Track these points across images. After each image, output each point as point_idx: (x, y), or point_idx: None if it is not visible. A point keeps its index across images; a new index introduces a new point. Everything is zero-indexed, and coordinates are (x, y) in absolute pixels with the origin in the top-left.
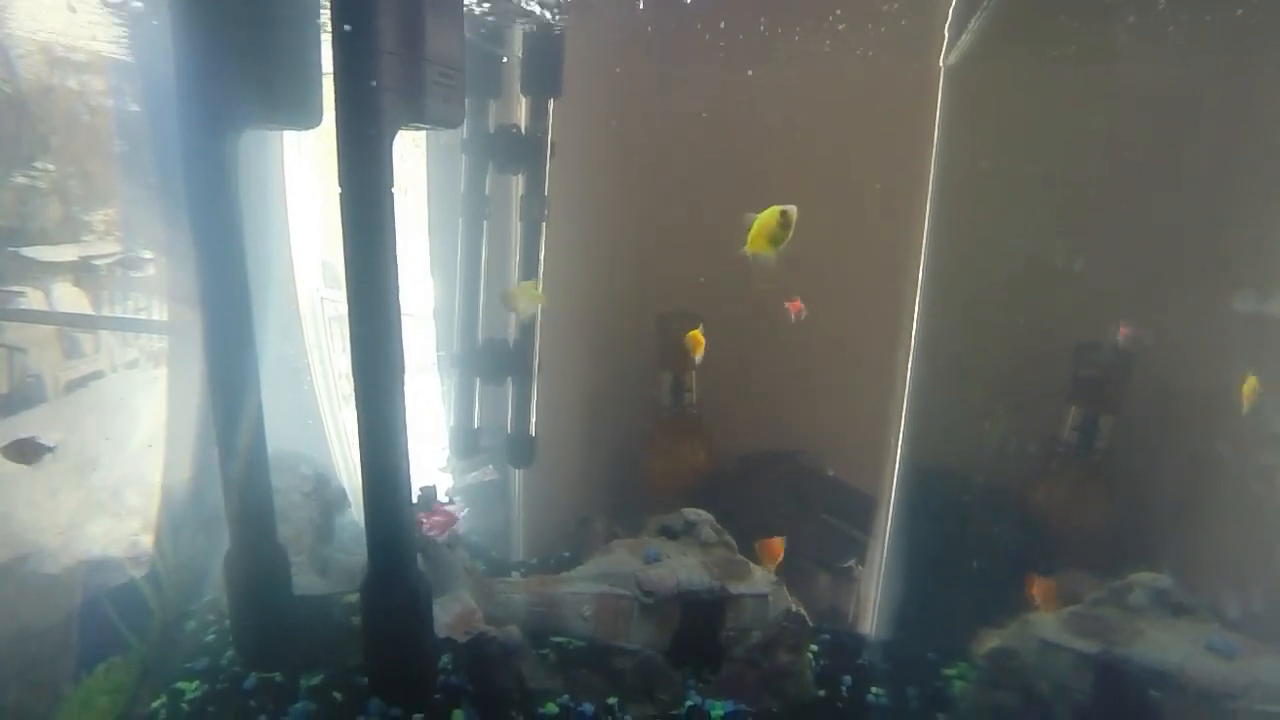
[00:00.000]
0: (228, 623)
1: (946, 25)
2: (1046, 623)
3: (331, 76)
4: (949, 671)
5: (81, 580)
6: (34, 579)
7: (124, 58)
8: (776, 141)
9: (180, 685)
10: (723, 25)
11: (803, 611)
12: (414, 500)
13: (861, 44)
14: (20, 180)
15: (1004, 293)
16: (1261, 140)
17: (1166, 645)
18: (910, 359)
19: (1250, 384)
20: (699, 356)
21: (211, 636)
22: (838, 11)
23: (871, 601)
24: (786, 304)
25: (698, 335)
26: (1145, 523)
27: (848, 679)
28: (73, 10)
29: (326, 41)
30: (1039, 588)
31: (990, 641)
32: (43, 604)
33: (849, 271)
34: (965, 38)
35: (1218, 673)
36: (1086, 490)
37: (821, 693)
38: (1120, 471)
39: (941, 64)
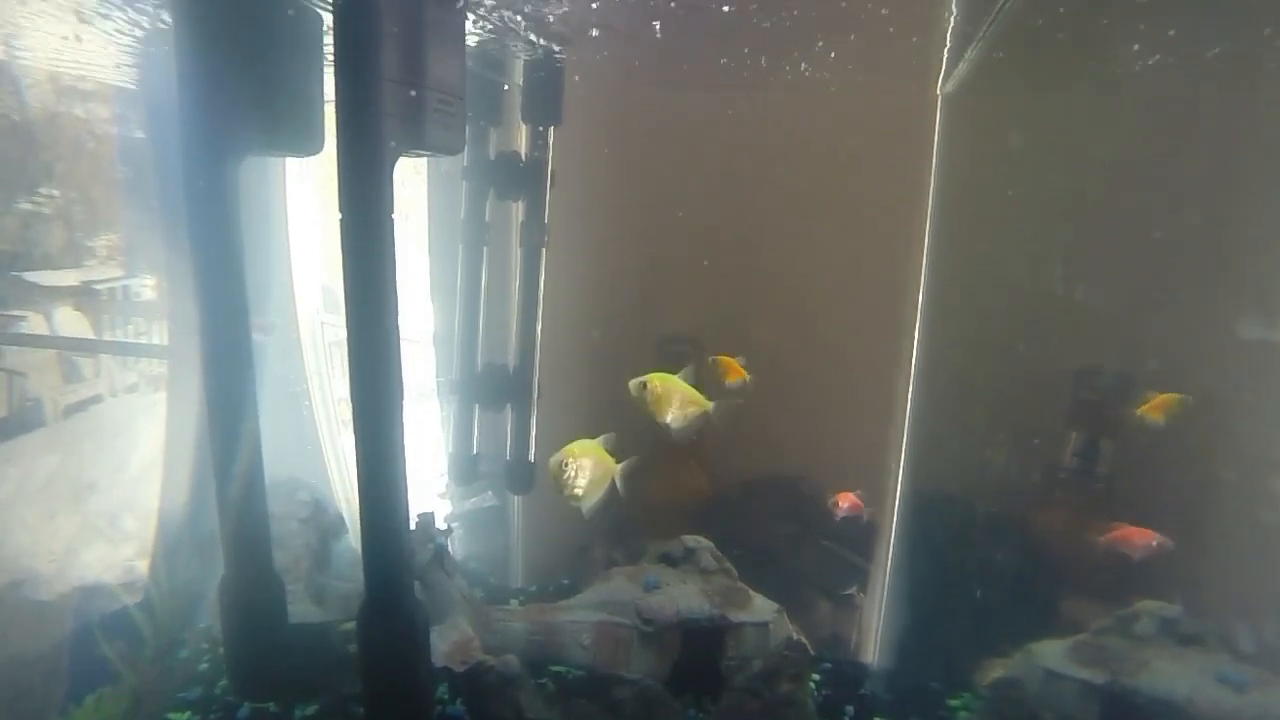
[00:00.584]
0: (221, 651)
1: (944, 54)
2: (1051, 652)
3: (333, 104)
4: (953, 702)
5: (74, 607)
6: (26, 606)
7: (128, 85)
8: (776, 168)
9: (172, 715)
10: (723, 60)
11: (804, 640)
12: (411, 528)
13: (860, 73)
14: (25, 206)
15: (1004, 318)
16: (1261, 163)
17: (1174, 676)
18: (911, 384)
19: (1165, 400)
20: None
21: (205, 665)
22: (836, 42)
23: (874, 630)
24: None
25: (732, 363)
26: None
27: (850, 709)
28: (79, 40)
29: (328, 69)
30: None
31: (994, 671)
32: (34, 631)
33: (849, 297)
34: (963, 66)
35: (1227, 705)
36: (1089, 516)
37: None
38: (1124, 497)
39: (939, 92)
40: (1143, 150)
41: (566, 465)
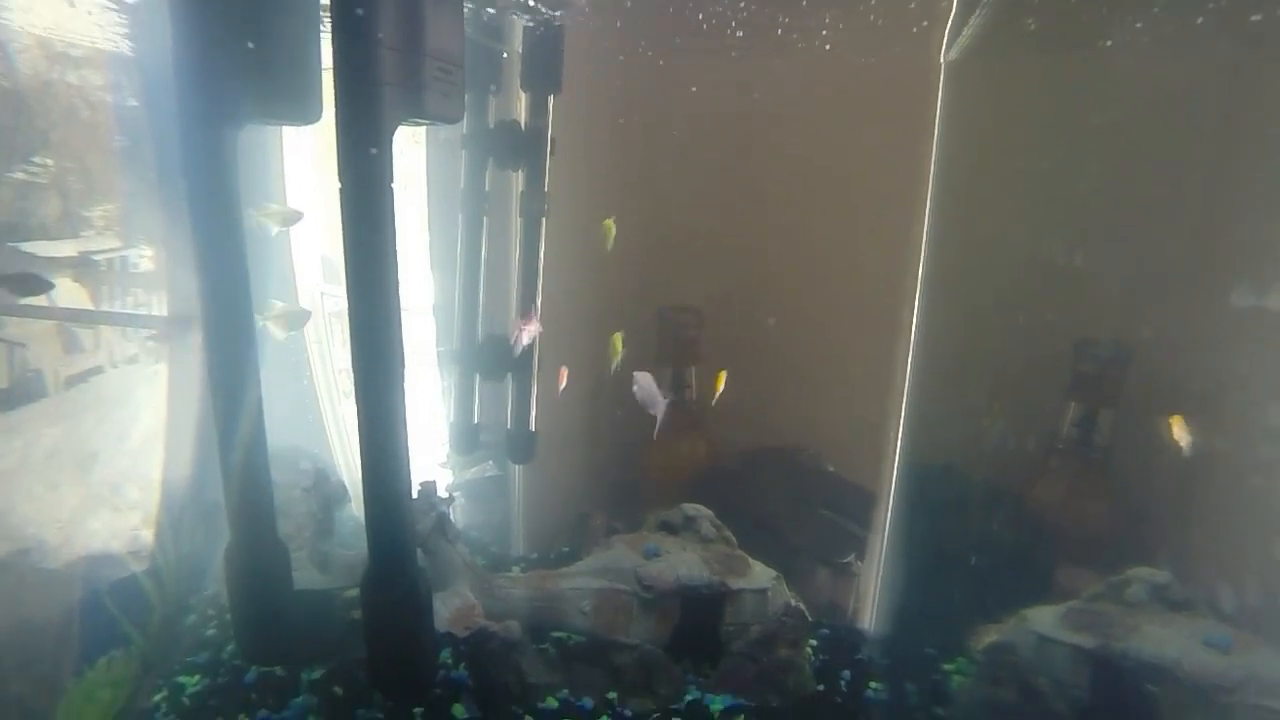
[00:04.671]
0: (228, 617)
1: (948, 20)
2: (1044, 618)
3: (331, 71)
4: (947, 666)
5: (82, 574)
6: (35, 573)
7: (123, 52)
8: (777, 137)
9: (181, 679)
10: (728, 20)
11: (802, 606)
12: (413, 496)
13: (864, 39)
14: (19, 176)
15: (1004, 289)
16: (1263, 136)
17: (1163, 640)
18: (910, 355)
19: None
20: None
21: (212, 631)
22: (839, 8)
23: (870, 597)
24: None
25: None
26: (1144, 518)
27: (847, 674)
28: (71, 4)
29: (326, 37)
30: None
31: (988, 637)
32: (44, 598)
33: (849, 267)
34: (966, 33)
35: (1213, 667)
36: (1086, 486)
37: (820, 687)
38: (1119, 467)
39: (942, 59)
40: (1145, 120)
41: None
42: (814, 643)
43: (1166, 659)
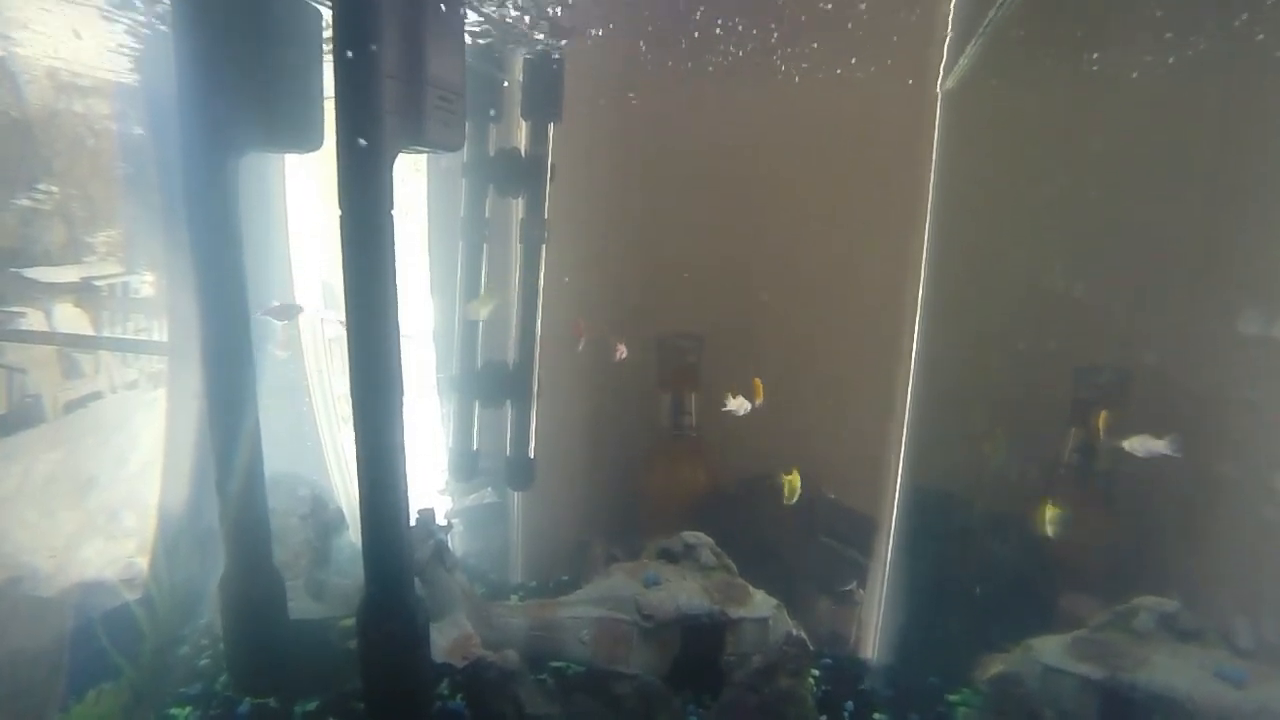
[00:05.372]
0: (222, 647)
1: (944, 49)
2: (1050, 647)
3: (333, 100)
4: (952, 697)
5: (75, 603)
6: (27, 602)
7: (128, 82)
8: (777, 165)
9: (173, 711)
10: (721, 46)
11: (804, 636)
12: (411, 524)
13: (861, 70)
14: (24, 202)
15: (1004, 315)
16: (1262, 160)
17: (1173, 671)
18: (910, 381)
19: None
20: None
21: (205, 661)
22: (837, 38)
23: (873, 625)
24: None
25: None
26: (1150, 545)
27: (850, 704)
28: (78, 36)
29: (328, 65)
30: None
31: (994, 667)
32: (35, 627)
33: (849, 294)
34: (962, 63)
35: (1226, 700)
36: (1088, 513)
37: (823, 718)
38: (1123, 494)
39: (939, 89)
40: (1142, 146)
41: None
42: (816, 673)
43: (1177, 691)
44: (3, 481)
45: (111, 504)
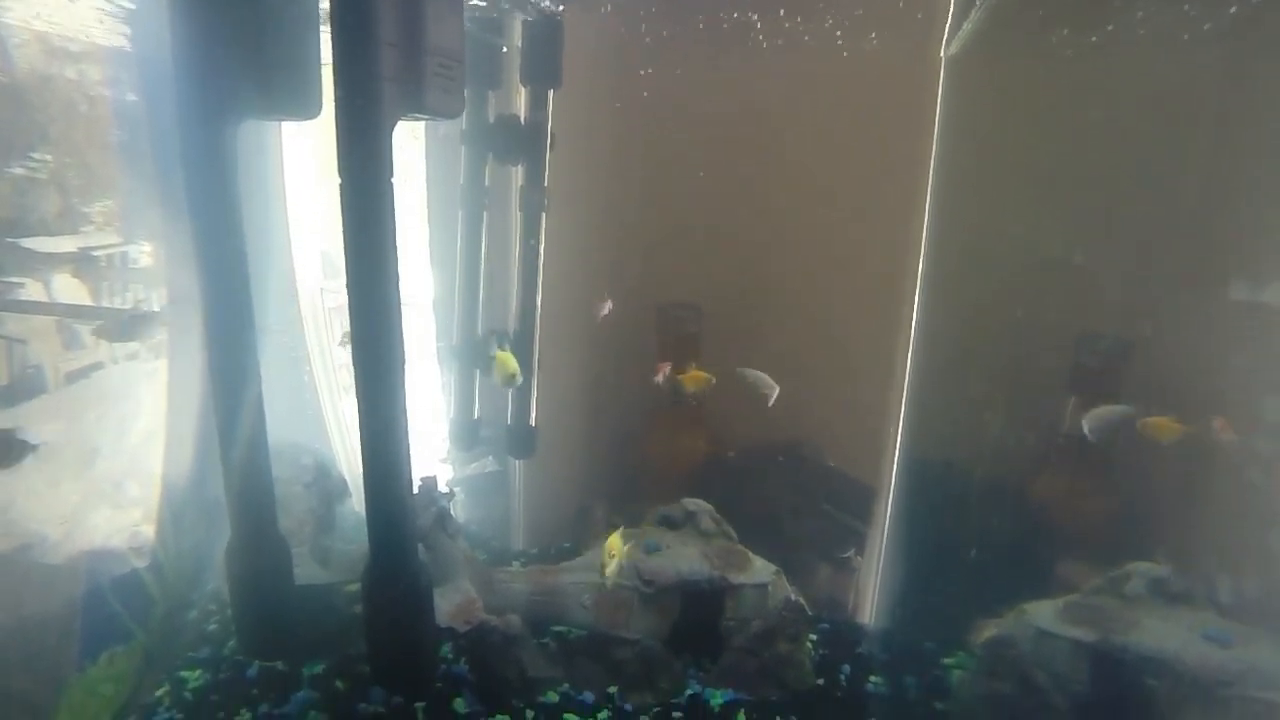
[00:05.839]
0: (229, 612)
1: (948, 15)
2: (1044, 612)
3: (330, 67)
4: (947, 661)
5: (84, 570)
6: (37, 569)
7: (122, 47)
8: (777, 132)
9: (183, 674)
10: (722, 15)
11: (802, 601)
12: (414, 491)
13: (863, 33)
14: (18, 171)
15: (1004, 284)
16: (1264, 132)
17: (1163, 634)
18: (910, 350)
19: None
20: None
21: (214, 626)
22: (839, 6)
23: (870, 591)
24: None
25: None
26: (1144, 512)
27: (846, 668)
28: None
29: (325, 32)
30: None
31: (988, 631)
32: (46, 593)
33: (849, 263)
34: (967, 27)
35: (1213, 660)
36: (1086, 481)
37: (820, 681)
38: (1119, 462)
39: (942, 54)
40: (1144, 115)
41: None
42: (814, 637)
43: (1166, 652)
44: None
45: (116, 474)
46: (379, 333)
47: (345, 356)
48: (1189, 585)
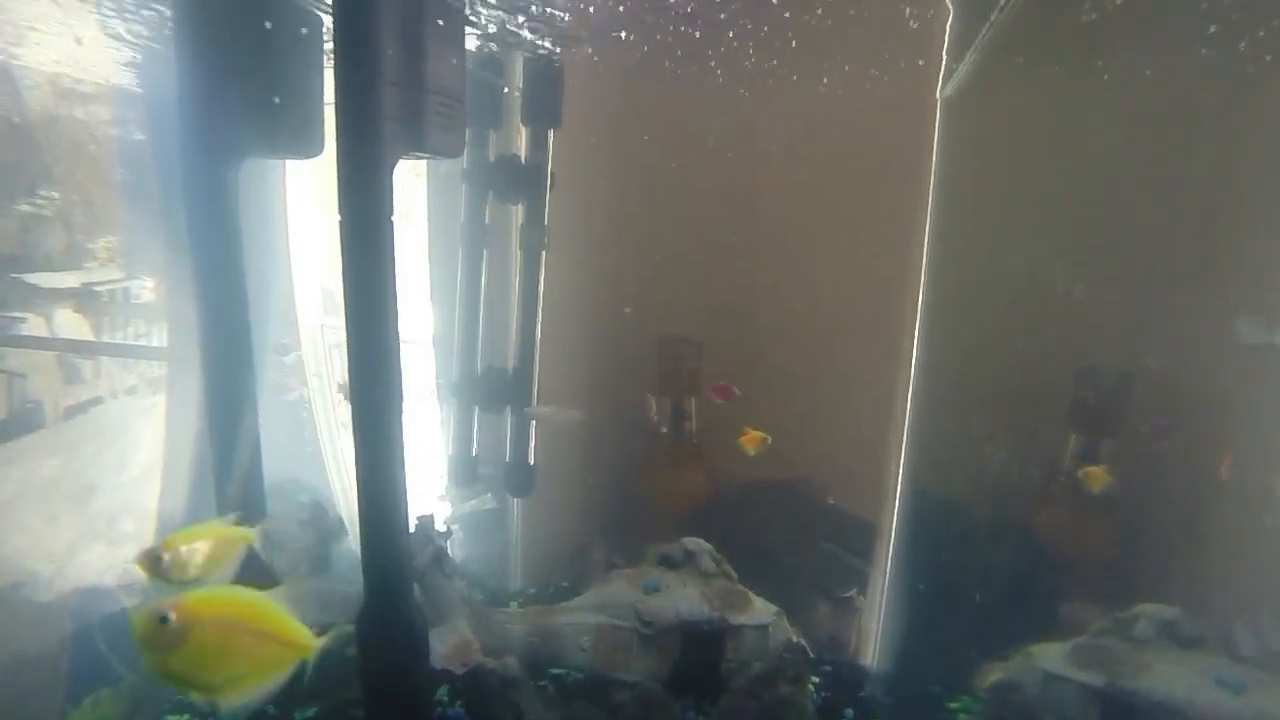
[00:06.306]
0: None
1: (943, 58)
2: (1050, 654)
3: (333, 106)
4: (952, 704)
5: (74, 609)
6: (27, 607)
7: (129, 88)
8: (776, 171)
9: (170, 718)
10: (718, 64)
11: (803, 642)
12: (411, 530)
13: (861, 77)
14: (25, 208)
15: (1004, 319)
16: (1260, 160)
17: (1173, 678)
18: (910, 386)
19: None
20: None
21: None
22: (836, 45)
23: (873, 632)
24: None
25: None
26: (1150, 551)
27: (850, 712)
28: (79, 43)
29: (328, 72)
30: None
31: (994, 674)
32: (35, 633)
33: (849, 298)
34: (961, 70)
35: (1225, 707)
36: (1088, 518)
37: None
38: (1123, 498)
39: (939, 96)
40: (1141, 150)
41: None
42: (816, 680)
43: (1177, 698)
44: (3, 487)
45: (111, 509)
46: (377, 369)
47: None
48: (1200, 628)
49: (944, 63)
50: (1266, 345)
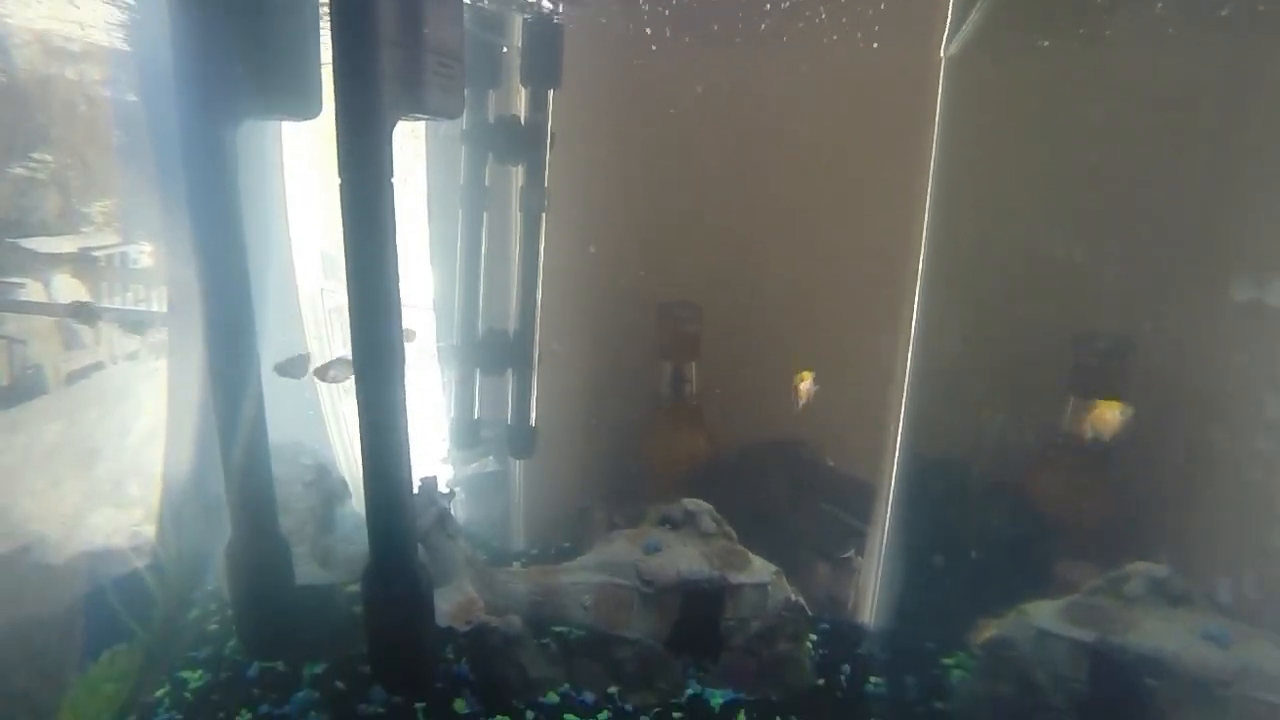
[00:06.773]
0: (230, 612)
1: (947, 15)
2: (1043, 612)
3: (330, 67)
4: (947, 661)
5: (85, 570)
6: (38, 569)
7: (122, 47)
8: (777, 132)
9: (184, 674)
10: (730, 11)
11: (802, 601)
12: (414, 491)
13: (863, 33)
14: (19, 171)
15: (1004, 283)
16: (1264, 130)
17: (1162, 634)
18: (910, 349)
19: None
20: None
21: (214, 626)
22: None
23: (870, 591)
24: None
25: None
26: (1143, 511)
27: (846, 668)
28: (74, 3)
29: (325, 31)
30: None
31: (988, 631)
32: (47, 593)
33: (849, 261)
34: (966, 28)
35: (1212, 660)
36: (1085, 480)
37: (820, 681)
38: (1119, 461)
39: (942, 54)
40: (1145, 114)
41: None
42: (814, 637)
43: (1165, 653)
44: (8, 452)
45: (116, 473)
46: (378, 333)
47: (346, 356)
48: (1188, 585)
49: (948, 21)
50: (1256, 303)
